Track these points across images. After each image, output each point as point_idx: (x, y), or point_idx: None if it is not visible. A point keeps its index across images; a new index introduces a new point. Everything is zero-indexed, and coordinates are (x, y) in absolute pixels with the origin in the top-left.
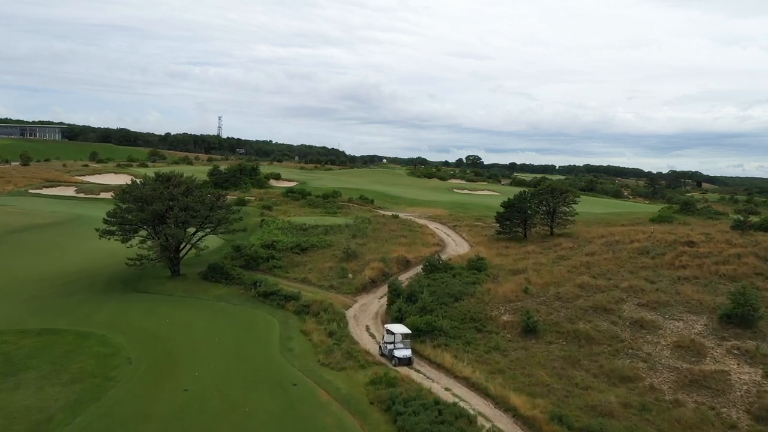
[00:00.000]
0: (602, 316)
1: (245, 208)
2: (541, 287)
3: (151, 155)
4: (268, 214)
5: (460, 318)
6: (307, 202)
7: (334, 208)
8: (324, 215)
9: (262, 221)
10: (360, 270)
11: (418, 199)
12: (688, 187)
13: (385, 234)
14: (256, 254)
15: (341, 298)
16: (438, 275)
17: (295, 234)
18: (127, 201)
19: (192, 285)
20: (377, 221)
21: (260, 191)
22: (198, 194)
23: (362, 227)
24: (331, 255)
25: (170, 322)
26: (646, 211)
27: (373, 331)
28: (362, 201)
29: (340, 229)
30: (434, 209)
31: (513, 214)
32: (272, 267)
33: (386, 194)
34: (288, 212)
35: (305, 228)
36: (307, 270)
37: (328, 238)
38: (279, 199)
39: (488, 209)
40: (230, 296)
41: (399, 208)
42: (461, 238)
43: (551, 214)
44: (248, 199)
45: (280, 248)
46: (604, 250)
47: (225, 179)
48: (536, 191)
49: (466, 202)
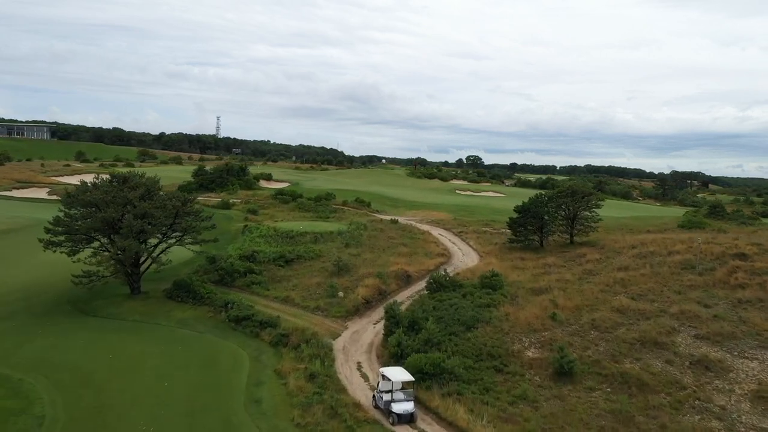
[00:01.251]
0: (653, 352)
1: (228, 212)
2: (571, 312)
3: (140, 155)
4: (252, 219)
5: (475, 353)
6: (298, 205)
7: (327, 212)
8: (315, 220)
9: (245, 227)
10: (352, 287)
11: (418, 202)
12: (693, 187)
13: (383, 242)
14: (232, 267)
15: (328, 324)
16: (445, 295)
17: (280, 243)
18: (76, 206)
19: (153, 306)
20: (374, 227)
21: (248, 193)
22: (160, 198)
23: (357, 234)
24: (319, 268)
25: (114, 359)
26: (670, 215)
27: (366, 369)
28: (358, 204)
29: (332, 237)
30: (437, 212)
31: (528, 220)
32: (250, 283)
33: (385, 196)
34: (275, 217)
35: (292, 236)
36: (290, 287)
37: (317, 247)
38: (267, 202)
39: (495, 213)
40: (196, 321)
41: (398, 211)
42: (468, 247)
43: (571, 220)
44: (233, 201)
45: (261, 260)
46: (639, 264)
47: (210, 180)
48: (554, 194)
49: (471, 205)
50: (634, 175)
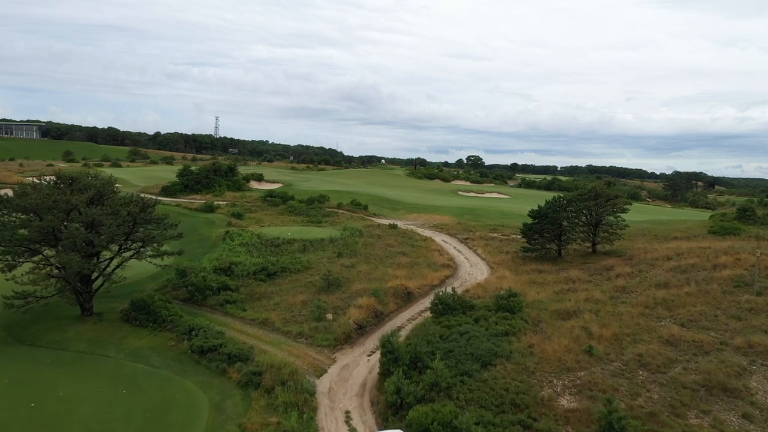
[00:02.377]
0: (723, 401)
1: (211, 216)
2: (610, 343)
3: (131, 154)
4: (236, 224)
5: (495, 403)
6: (288, 208)
7: (319, 216)
8: (306, 225)
9: (226, 234)
10: (344, 306)
11: (419, 204)
12: (698, 188)
13: (380, 251)
14: (204, 283)
15: (313, 356)
16: (453, 320)
17: (263, 252)
18: (12, 212)
19: (105, 331)
20: (370, 233)
21: (236, 195)
22: (113, 203)
23: (351, 242)
24: (306, 283)
25: (36, 408)
26: (693, 219)
27: (356, 422)
28: (354, 207)
29: (323, 245)
30: (439, 216)
31: (545, 226)
32: (224, 302)
33: (383, 198)
34: (262, 221)
35: (278, 244)
36: (271, 306)
37: (305, 257)
38: (255, 205)
39: (503, 216)
40: (153, 351)
41: (398, 214)
42: (476, 257)
43: (594, 226)
44: (218, 204)
45: (240, 273)
46: (680, 280)
47: (196, 181)
48: (574, 197)
49: (476, 208)
50: (636, 175)
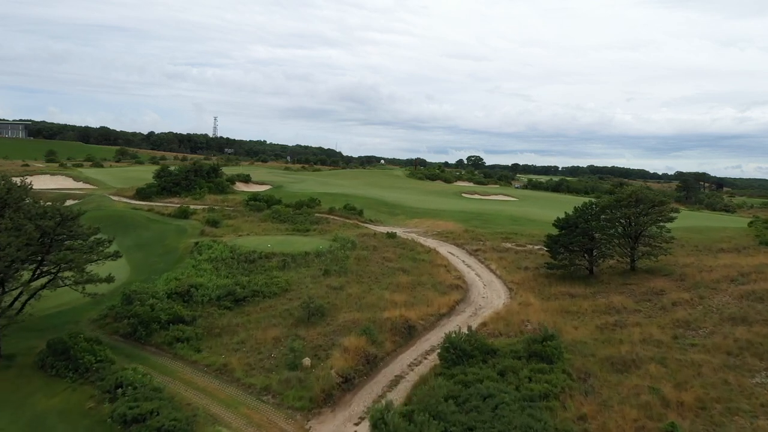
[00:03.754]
0: None
1: (185, 223)
2: (695, 414)
3: (118, 154)
4: (209, 233)
5: None
6: (272, 213)
7: (307, 223)
8: (291, 234)
9: (196, 245)
10: (326, 346)
11: (421, 208)
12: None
13: (376, 267)
14: (151, 314)
15: (279, 425)
16: (471, 372)
17: (233, 270)
18: None
19: (8, 384)
20: (365, 244)
21: (217, 198)
22: (18, 215)
23: (341, 256)
24: (282, 311)
25: None
26: (733, 227)
27: None
28: (347, 212)
29: (307, 260)
30: (443, 222)
31: (574, 238)
32: (174, 339)
33: (381, 201)
34: (240, 230)
35: (253, 259)
36: (234, 344)
37: (284, 276)
38: (236, 210)
39: (513, 222)
40: (62, 417)
41: (397, 220)
42: (490, 273)
43: (633, 238)
44: (194, 209)
45: (200, 299)
46: (761, 312)
47: (175, 183)
48: (610, 203)
49: (483, 212)
50: (639, 176)
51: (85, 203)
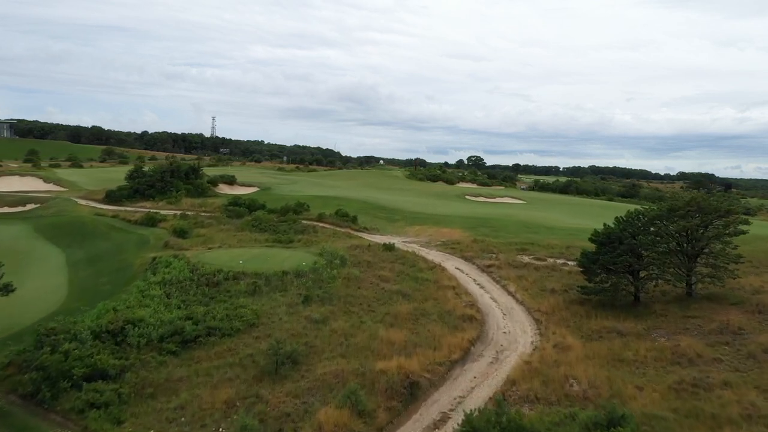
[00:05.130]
0: None
1: (150, 232)
2: None
3: (104, 153)
4: (174, 245)
5: None
6: (252, 221)
7: (291, 232)
8: (270, 245)
9: (153, 261)
10: (296, 418)
11: (422, 213)
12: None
13: (369, 290)
14: (62, 366)
15: None
16: None
17: (189, 297)
18: None
19: None
20: (357, 259)
21: (194, 201)
22: None
23: (327, 276)
24: (244, 358)
25: None
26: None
27: None
28: (339, 219)
29: (285, 283)
30: (448, 229)
31: (619, 257)
32: (88, 404)
33: (378, 205)
34: (212, 240)
35: (217, 281)
36: (170, 413)
37: (252, 305)
38: (212, 216)
39: (527, 229)
40: None
41: (395, 228)
42: (508, 296)
43: (692, 257)
44: (164, 215)
45: (137, 341)
46: None
47: (149, 185)
48: (661, 213)
49: (491, 217)
50: (640, 176)
51: (46, 208)
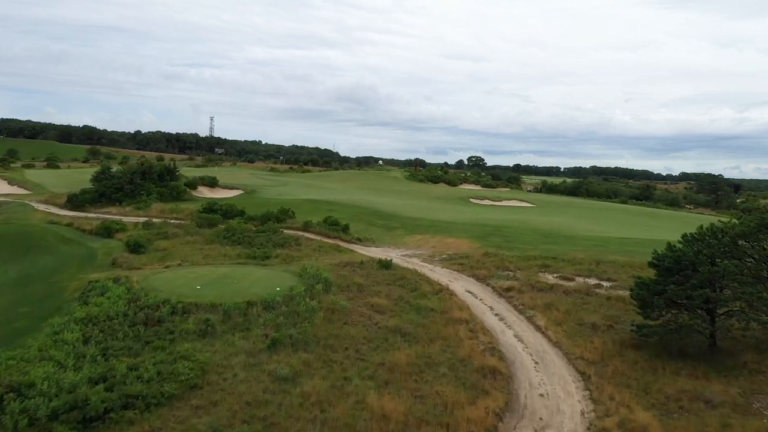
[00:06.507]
0: None
1: (102, 245)
2: None
3: (89, 153)
4: (124, 263)
5: None
6: (225, 231)
7: (270, 245)
8: (242, 263)
9: (89, 285)
10: None
11: (424, 220)
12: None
13: (358, 327)
14: None
15: None
16: None
17: (114, 342)
18: None
19: None
20: (345, 282)
21: (165, 207)
22: None
23: (304, 309)
24: None
25: None
26: None
27: None
28: (328, 228)
29: (248, 319)
30: (454, 239)
31: (690, 289)
32: None
33: (375, 210)
34: (172, 256)
35: (159, 317)
36: None
37: (201, 353)
38: (181, 225)
39: (545, 239)
40: None
41: (393, 237)
42: (537, 332)
43: None
44: (124, 224)
45: (10, 421)
46: None
47: (117, 188)
48: (749, 228)
49: (501, 224)
50: (643, 176)
51: None
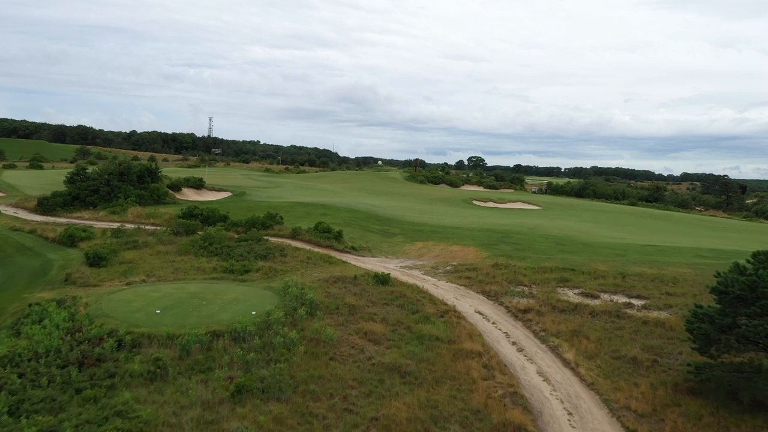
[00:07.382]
0: None
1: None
2: None
3: (79, 152)
4: (80, 280)
5: None
6: (201, 240)
7: (251, 257)
8: (218, 278)
9: (29, 308)
10: None
11: (426, 225)
12: None
13: (346, 368)
14: None
15: None
16: None
17: (34, 395)
18: None
19: None
20: (336, 303)
21: (142, 211)
22: None
23: (281, 342)
24: None
25: None
26: None
27: None
28: (319, 235)
29: (211, 355)
30: (459, 247)
31: (755, 328)
32: None
33: (373, 214)
34: (137, 270)
35: (100, 355)
36: None
37: (140, 407)
38: (155, 233)
39: (560, 247)
40: None
41: (392, 245)
42: (565, 368)
43: None
44: (94, 230)
45: None
46: None
47: (92, 190)
48: None
49: (509, 229)
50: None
51: None
